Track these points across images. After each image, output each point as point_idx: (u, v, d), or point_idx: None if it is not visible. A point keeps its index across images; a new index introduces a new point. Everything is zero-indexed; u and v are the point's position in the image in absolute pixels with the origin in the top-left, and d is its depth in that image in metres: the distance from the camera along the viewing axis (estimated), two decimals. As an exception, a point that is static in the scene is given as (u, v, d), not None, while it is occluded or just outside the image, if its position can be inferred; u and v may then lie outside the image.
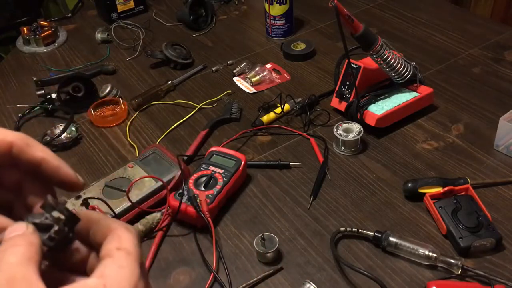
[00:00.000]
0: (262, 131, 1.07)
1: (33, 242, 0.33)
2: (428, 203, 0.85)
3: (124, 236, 0.35)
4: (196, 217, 0.83)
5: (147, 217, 0.86)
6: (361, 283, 0.76)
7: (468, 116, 1.06)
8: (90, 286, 0.31)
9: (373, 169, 0.95)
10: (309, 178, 0.95)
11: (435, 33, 1.35)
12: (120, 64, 1.33)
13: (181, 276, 0.80)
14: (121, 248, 0.34)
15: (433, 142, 1.00)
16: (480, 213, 0.80)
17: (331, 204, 0.89)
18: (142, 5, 1.55)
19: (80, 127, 1.10)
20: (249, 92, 1.19)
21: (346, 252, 0.80)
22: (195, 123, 1.11)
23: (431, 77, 1.18)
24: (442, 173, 0.93)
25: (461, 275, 0.75)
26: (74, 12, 1.59)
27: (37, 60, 1.37)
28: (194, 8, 1.46)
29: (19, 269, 0.31)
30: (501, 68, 1.19)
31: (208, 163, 0.92)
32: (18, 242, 0.32)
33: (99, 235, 0.36)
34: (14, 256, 0.31)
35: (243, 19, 1.51)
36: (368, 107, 1.02)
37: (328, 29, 1.41)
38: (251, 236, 0.84)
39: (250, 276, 0.78)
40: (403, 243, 0.78)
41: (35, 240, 0.33)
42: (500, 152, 0.96)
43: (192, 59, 1.31)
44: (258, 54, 1.33)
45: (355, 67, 1.03)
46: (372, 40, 0.96)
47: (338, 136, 0.98)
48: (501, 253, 0.79)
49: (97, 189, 0.88)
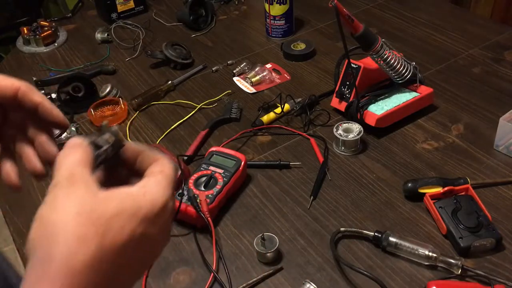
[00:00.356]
0: (262, 131, 1.07)
1: (88, 151, 0.42)
2: (428, 203, 0.85)
3: (167, 164, 0.44)
4: (196, 217, 0.83)
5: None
6: (361, 283, 0.76)
7: (468, 116, 1.06)
8: (133, 191, 0.40)
9: (373, 169, 0.95)
10: (309, 178, 0.95)
11: (435, 33, 1.35)
12: (120, 64, 1.33)
13: (181, 276, 0.80)
14: (163, 171, 0.43)
15: (433, 142, 1.00)
16: (480, 213, 0.80)
17: (331, 204, 0.89)
18: (142, 5, 1.55)
19: (80, 127, 1.10)
20: (249, 92, 1.19)
21: (346, 252, 0.80)
22: (195, 123, 1.11)
23: (431, 77, 1.18)
24: (442, 173, 0.93)
25: (461, 275, 0.75)
26: (74, 12, 1.59)
27: (37, 60, 1.37)
28: (194, 8, 1.46)
29: (78, 168, 0.40)
30: (501, 68, 1.19)
31: (208, 163, 0.92)
32: (77, 149, 0.41)
33: (145, 162, 0.45)
34: (74, 158, 0.41)
35: (243, 19, 1.51)
36: (368, 107, 1.02)
37: (328, 29, 1.42)
38: (251, 236, 0.84)
39: (250, 276, 0.78)
40: (403, 243, 0.78)
41: (89, 151, 0.42)
42: (500, 152, 0.96)
43: (192, 59, 1.31)
44: (258, 54, 1.33)
45: (355, 67, 1.03)
46: (372, 40, 0.96)
47: (338, 136, 0.98)
48: (501, 253, 0.79)
49: (97, 189, 0.88)
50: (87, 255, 0.36)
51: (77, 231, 0.37)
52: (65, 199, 0.38)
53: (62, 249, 0.36)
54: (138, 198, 0.40)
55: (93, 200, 0.39)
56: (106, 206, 0.39)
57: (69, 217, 0.37)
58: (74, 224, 0.37)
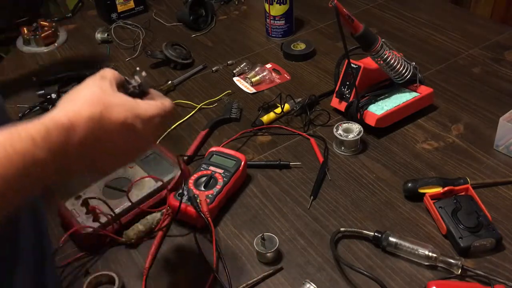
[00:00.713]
0: (262, 131, 1.07)
1: (121, 77, 0.62)
2: (428, 203, 0.85)
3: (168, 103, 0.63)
4: (196, 217, 0.83)
5: (147, 217, 0.86)
6: (361, 283, 0.76)
7: (468, 116, 1.06)
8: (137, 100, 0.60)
9: (373, 169, 0.95)
10: (309, 178, 0.95)
11: (435, 33, 1.35)
12: (120, 64, 1.33)
13: (181, 276, 0.80)
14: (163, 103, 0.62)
15: (433, 142, 1.00)
16: (480, 213, 0.80)
17: (331, 204, 0.89)
18: (142, 5, 1.55)
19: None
20: (249, 92, 1.19)
21: (346, 252, 0.80)
22: (195, 123, 1.11)
23: (431, 77, 1.18)
24: (442, 173, 0.93)
25: (461, 275, 0.75)
26: (74, 12, 1.59)
27: (37, 60, 1.37)
28: (194, 8, 1.46)
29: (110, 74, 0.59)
30: (501, 68, 1.19)
31: (208, 163, 0.92)
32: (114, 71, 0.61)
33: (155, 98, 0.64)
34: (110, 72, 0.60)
35: (243, 19, 1.51)
36: (368, 107, 1.02)
37: (328, 29, 1.42)
38: (251, 236, 0.84)
39: (250, 276, 0.78)
40: (403, 243, 0.78)
41: (122, 77, 0.62)
42: (500, 152, 0.96)
43: (192, 59, 1.31)
44: (258, 54, 1.33)
45: (355, 67, 1.03)
46: (372, 40, 0.96)
47: (338, 136, 0.98)
48: (501, 253, 0.79)
49: (97, 189, 0.88)
50: (90, 114, 0.53)
51: (88, 99, 0.55)
52: (92, 83, 0.58)
53: (74, 105, 0.54)
54: (138, 103, 0.59)
55: (109, 90, 0.57)
56: (116, 97, 0.57)
57: (89, 91, 0.56)
58: (89, 96, 0.55)
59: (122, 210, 0.85)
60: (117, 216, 0.84)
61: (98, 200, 0.84)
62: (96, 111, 0.54)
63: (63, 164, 0.52)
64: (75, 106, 0.54)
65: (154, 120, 0.60)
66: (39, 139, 0.49)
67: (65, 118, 0.52)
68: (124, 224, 0.85)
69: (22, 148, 0.48)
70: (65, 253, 0.83)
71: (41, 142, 0.49)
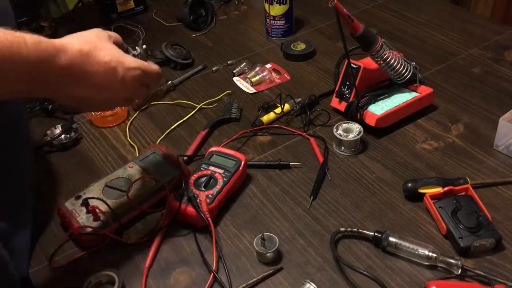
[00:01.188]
0: (262, 131, 1.07)
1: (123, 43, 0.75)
2: (428, 203, 0.85)
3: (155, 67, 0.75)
4: (196, 217, 0.83)
5: (147, 217, 0.86)
6: (361, 283, 0.76)
7: (468, 116, 1.06)
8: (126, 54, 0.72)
9: (373, 169, 0.96)
10: (309, 178, 0.95)
11: (435, 33, 1.35)
12: (120, 64, 1.32)
13: (181, 276, 0.80)
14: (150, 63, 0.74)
15: (433, 142, 1.00)
16: (480, 213, 0.80)
17: (331, 204, 0.89)
18: (142, 5, 1.55)
19: (80, 127, 1.10)
20: (249, 92, 1.19)
21: (346, 252, 0.80)
22: (195, 123, 1.11)
23: (431, 77, 1.18)
24: (442, 173, 0.93)
25: (461, 275, 0.75)
26: (74, 12, 1.59)
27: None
28: (194, 8, 1.46)
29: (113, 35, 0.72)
30: (501, 68, 1.19)
31: (208, 163, 0.92)
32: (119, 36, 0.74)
33: None
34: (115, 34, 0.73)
35: (243, 19, 1.51)
36: (368, 107, 1.02)
37: (328, 29, 1.42)
38: (251, 236, 0.84)
39: (250, 276, 0.78)
40: (403, 243, 0.78)
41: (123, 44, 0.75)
42: (500, 152, 0.96)
43: (192, 59, 1.31)
44: (258, 54, 1.33)
45: (355, 67, 1.03)
46: (372, 40, 0.96)
47: (338, 136, 0.98)
48: (501, 253, 0.79)
49: (97, 189, 0.88)
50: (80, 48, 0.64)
51: (84, 39, 0.66)
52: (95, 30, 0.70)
53: (70, 38, 0.66)
54: (125, 55, 0.70)
55: (104, 39, 0.69)
56: (108, 44, 0.68)
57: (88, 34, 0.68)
58: (85, 37, 0.67)
59: (122, 210, 0.85)
60: (117, 216, 0.84)
61: (98, 200, 0.84)
62: (86, 47, 0.65)
63: (45, 75, 0.61)
64: (71, 39, 0.66)
65: (135, 72, 0.69)
66: (30, 41, 0.58)
67: (58, 42, 0.63)
68: (124, 224, 0.85)
69: (14, 41, 0.56)
70: (65, 253, 0.83)
71: (31, 45, 0.58)
